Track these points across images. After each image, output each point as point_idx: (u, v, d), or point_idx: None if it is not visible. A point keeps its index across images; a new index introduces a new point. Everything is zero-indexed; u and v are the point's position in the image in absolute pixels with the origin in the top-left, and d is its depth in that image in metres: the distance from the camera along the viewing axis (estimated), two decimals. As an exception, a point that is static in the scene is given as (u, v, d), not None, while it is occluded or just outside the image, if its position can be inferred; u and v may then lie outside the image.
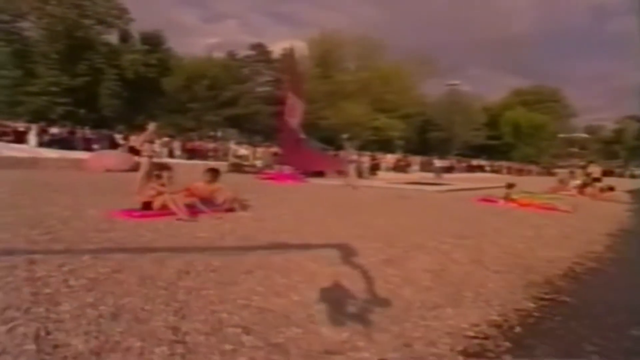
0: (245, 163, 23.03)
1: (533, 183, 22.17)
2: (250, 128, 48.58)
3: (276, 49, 49.53)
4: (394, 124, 48.88)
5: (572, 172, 40.01)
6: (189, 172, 10.53)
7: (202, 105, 44.34)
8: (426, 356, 2.72)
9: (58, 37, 36.57)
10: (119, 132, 28.53)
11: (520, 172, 45.74)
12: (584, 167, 44.51)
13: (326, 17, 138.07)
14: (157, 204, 6.53)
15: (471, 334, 3.10)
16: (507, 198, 12.38)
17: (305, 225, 6.68)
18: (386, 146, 47.14)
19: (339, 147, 36.03)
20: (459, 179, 24.26)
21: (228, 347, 2.57)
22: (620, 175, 60.44)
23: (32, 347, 2.37)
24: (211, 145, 29.61)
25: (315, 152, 19.32)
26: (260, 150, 26.83)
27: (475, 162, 45.05)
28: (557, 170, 44.74)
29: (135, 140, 14.69)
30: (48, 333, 2.52)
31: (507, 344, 3.01)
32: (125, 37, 43.03)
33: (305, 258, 4.65)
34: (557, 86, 71.57)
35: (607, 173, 59.70)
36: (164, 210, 6.40)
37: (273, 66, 49.88)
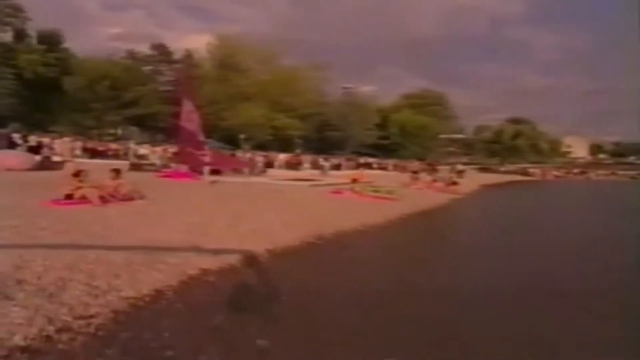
0: (145, 162, 24.64)
1: (393, 179, 26.50)
2: (151, 126, 49.45)
3: (181, 45, 50.83)
4: (292, 124, 52.21)
5: (452, 168, 46.72)
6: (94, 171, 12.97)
7: (103, 105, 44.64)
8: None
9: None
10: (17, 131, 28.83)
11: (403, 169, 50.82)
12: (452, 165, 51.62)
13: (238, 12, 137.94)
14: (77, 195, 9.24)
15: (262, 250, 6.55)
16: (352, 190, 16.32)
17: (185, 209, 9.75)
18: (286, 145, 50.47)
19: (238, 147, 38.85)
20: (342, 176, 27.65)
21: None
22: (496, 171, 69.78)
23: None
24: (112, 145, 30.92)
25: (212, 152, 21.75)
26: (159, 149, 28.61)
27: (363, 160, 49.73)
28: (439, 167, 50.94)
29: (40, 141, 16.29)
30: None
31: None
32: (20, 36, 42.10)
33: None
34: (457, 87, 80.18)
35: (484, 170, 68.82)
36: (83, 200, 9.13)
37: (174, 67, 51.18)
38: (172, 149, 26.53)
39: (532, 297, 5.86)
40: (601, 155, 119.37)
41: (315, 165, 35.10)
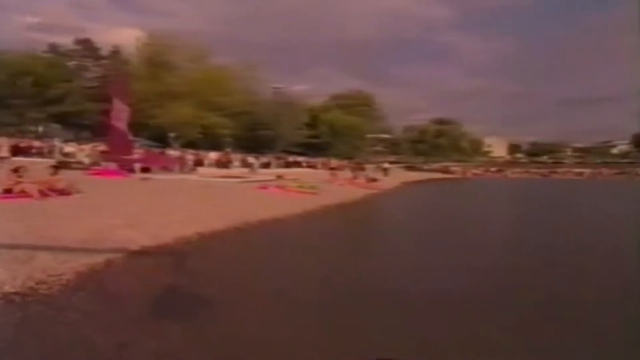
0: (72, 160, 24.50)
1: (320, 176, 28.33)
2: (76, 124, 47.98)
3: (107, 39, 49.49)
4: (223, 123, 52.43)
5: (378, 167, 49.42)
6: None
7: (26, 102, 42.77)
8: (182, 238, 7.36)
9: None
10: None
11: (332, 166, 52.60)
12: (378, 164, 54.38)
13: (169, 5, 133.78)
14: (16, 189, 9.98)
15: (193, 233, 7.83)
16: (278, 186, 17.81)
17: (122, 202, 10.77)
18: (216, 143, 50.81)
19: (168, 145, 38.99)
20: (271, 174, 28.95)
21: None
22: (420, 169, 74.06)
23: None
24: (36, 143, 30.21)
25: (142, 150, 22.34)
26: (87, 147, 28.41)
27: (292, 158, 51.29)
28: (366, 165, 53.51)
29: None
30: None
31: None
32: None
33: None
34: (388, 87, 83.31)
35: (410, 168, 72.72)
36: (22, 194, 9.90)
37: (101, 63, 49.99)
38: (100, 147, 26.45)
39: (403, 267, 7.68)
40: (518, 155, 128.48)
41: (245, 164, 36.13)
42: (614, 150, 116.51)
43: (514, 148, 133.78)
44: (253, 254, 8.01)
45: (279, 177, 18.68)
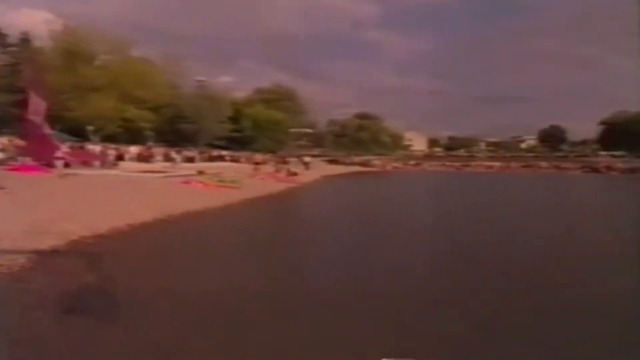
0: (-17, 155, 23.60)
1: (242, 170, 29.58)
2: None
3: (10, 20, 46.69)
4: (144, 116, 51.64)
5: (300, 161, 51.11)
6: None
7: None
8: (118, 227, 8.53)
9: None
10: None
11: (256, 161, 53.25)
12: (300, 157, 56.12)
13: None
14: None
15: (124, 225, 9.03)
16: (200, 181, 18.94)
17: (48, 197, 11.54)
18: (136, 137, 50.00)
19: (85, 139, 38.10)
20: (193, 168, 29.51)
21: None
22: (342, 163, 76.88)
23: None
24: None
25: (60, 145, 22.02)
26: (4, 141, 27.37)
27: (216, 152, 51.76)
28: (289, 159, 55.01)
29: None
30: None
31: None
32: None
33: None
34: (314, 82, 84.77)
35: (332, 161, 75.21)
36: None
37: (8, 50, 47.23)
38: (15, 141, 25.65)
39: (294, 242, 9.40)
40: (436, 149, 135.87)
41: (167, 158, 36.30)
42: (523, 145, 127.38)
43: (433, 142, 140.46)
44: (177, 240, 9.42)
45: (201, 172, 19.75)
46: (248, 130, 71.34)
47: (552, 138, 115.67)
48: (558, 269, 7.69)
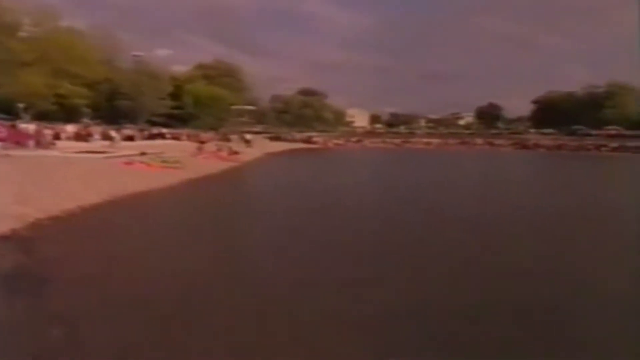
0: None
1: (184, 148, 29.92)
2: None
3: None
4: (78, 92, 49.96)
5: (241, 138, 51.36)
6: None
7: None
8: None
9: None
10: None
11: (197, 138, 52.56)
12: (241, 135, 56.43)
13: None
14: None
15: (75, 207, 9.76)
16: (143, 162, 19.43)
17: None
18: (71, 114, 48.32)
19: (16, 117, 36.60)
20: (134, 147, 29.24)
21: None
22: (285, 140, 77.56)
23: None
24: None
25: None
26: None
27: (156, 130, 50.93)
28: (231, 136, 55.10)
29: None
30: None
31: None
32: None
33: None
34: (258, 56, 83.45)
35: (275, 138, 75.65)
36: None
37: None
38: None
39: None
40: (378, 125, 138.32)
41: (106, 137, 35.60)
42: (461, 122, 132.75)
43: (374, 119, 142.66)
44: (125, 218, 10.33)
45: (143, 153, 20.18)
46: (189, 107, 70.39)
47: (488, 115, 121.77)
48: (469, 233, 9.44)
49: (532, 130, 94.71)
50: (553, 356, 4.30)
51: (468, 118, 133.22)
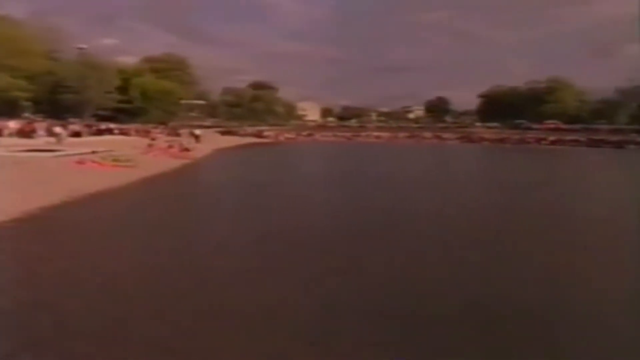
0: None
1: (134, 144, 29.83)
2: None
3: None
4: (18, 85, 48.06)
5: (190, 133, 50.90)
6: None
7: None
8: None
9: None
10: None
11: (146, 133, 51.50)
12: (190, 130, 56.07)
13: None
14: None
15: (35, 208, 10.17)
16: (94, 161, 19.58)
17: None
18: (11, 108, 46.34)
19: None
20: (82, 144, 28.78)
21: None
22: (236, 134, 77.10)
23: None
24: None
25: None
26: None
27: (104, 125, 49.59)
28: (181, 131, 54.50)
29: None
30: None
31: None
32: None
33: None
34: (207, 46, 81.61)
35: (226, 133, 75.05)
36: None
37: None
38: None
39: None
40: (330, 119, 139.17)
41: (51, 133, 34.48)
42: (411, 115, 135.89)
43: (326, 112, 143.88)
44: (81, 218, 10.92)
45: (94, 152, 20.27)
46: (137, 101, 68.80)
47: (437, 109, 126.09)
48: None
49: (478, 124, 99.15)
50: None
51: (418, 112, 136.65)
